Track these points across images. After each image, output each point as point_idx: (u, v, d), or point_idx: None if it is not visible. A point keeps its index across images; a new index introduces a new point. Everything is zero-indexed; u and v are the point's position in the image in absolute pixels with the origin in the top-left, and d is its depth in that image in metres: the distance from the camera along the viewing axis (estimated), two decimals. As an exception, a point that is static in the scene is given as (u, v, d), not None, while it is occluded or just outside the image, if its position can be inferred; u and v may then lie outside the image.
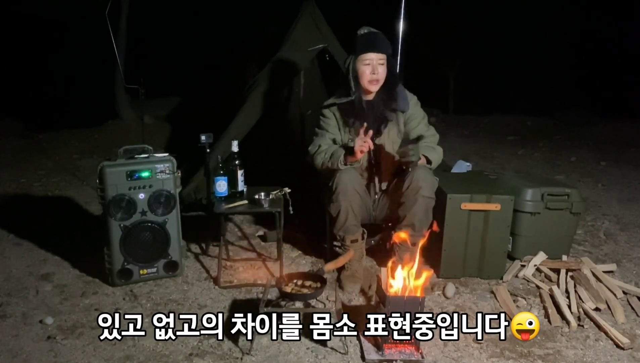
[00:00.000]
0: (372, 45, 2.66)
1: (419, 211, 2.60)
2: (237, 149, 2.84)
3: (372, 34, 2.69)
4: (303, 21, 3.87)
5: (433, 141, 2.81)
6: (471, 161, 4.71)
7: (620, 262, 3.15)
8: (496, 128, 7.86)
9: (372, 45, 2.66)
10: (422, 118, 2.82)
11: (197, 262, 3.07)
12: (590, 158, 6.03)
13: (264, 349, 2.19)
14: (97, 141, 6.34)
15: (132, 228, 2.64)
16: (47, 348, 2.20)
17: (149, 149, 2.74)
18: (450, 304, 2.61)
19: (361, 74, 2.68)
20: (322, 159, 2.68)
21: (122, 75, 5.89)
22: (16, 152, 5.84)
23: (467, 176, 3.77)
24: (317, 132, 2.84)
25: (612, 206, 4.27)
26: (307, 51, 3.81)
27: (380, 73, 2.68)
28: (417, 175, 2.58)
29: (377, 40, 2.68)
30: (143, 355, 2.15)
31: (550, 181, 3.51)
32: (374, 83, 2.69)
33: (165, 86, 7.45)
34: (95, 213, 3.81)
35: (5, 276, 2.87)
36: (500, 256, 2.87)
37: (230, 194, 2.83)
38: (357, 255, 2.75)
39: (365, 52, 2.65)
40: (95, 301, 2.59)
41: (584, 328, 2.39)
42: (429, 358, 2.14)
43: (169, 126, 6.70)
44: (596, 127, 7.60)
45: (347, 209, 2.62)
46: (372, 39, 2.68)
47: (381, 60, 2.67)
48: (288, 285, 2.27)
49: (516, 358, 2.17)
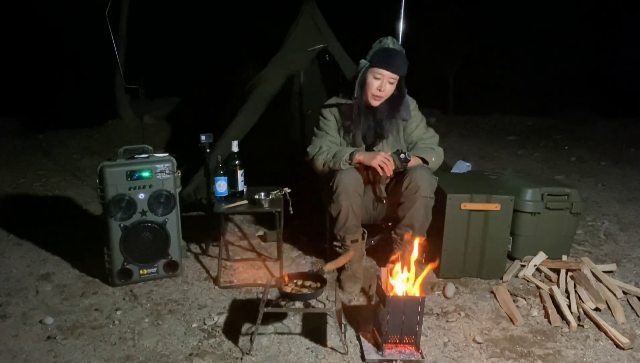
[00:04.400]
0: (389, 63, 2.60)
1: (419, 210, 2.60)
2: (237, 149, 2.84)
3: (394, 51, 2.61)
4: (303, 21, 3.87)
5: (433, 142, 2.81)
6: (471, 161, 4.71)
7: (620, 262, 3.15)
8: (496, 128, 7.87)
9: (389, 63, 2.60)
10: (420, 121, 2.83)
11: (197, 262, 3.07)
12: (590, 158, 6.04)
13: (264, 349, 2.19)
14: (97, 141, 6.35)
15: (132, 228, 2.64)
16: (47, 348, 2.20)
17: (149, 149, 2.74)
18: (450, 304, 2.61)
19: (368, 84, 2.66)
20: (324, 160, 2.67)
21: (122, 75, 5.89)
22: (16, 152, 5.84)
23: (467, 176, 3.77)
24: (316, 133, 2.83)
25: (612, 206, 4.27)
26: (307, 51, 3.81)
27: (386, 91, 2.65)
28: (416, 175, 2.58)
29: (396, 60, 2.61)
30: (143, 355, 2.15)
31: (550, 181, 3.51)
32: (377, 99, 2.68)
33: (165, 86, 7.45)
34: (95, 213, 3.81)
35: (5, 276, 2.87)
36: (500, 256, 2.87)
37: (230, 194, 2.83)
38: (357, 255, 2.75)
39: (379, 67, 2.61)
40: (95, 301, 2.59)
41: (584, 328, 2.39)
42: (429, 358, 2.14)
43: (169, 126, 6.71)
44: (596, 127, 7.61)
45: (347, 210, 2.62)
46: (391, 56, 2.60)
47: (392, 79, 2.63)
48: (288, 285, 2.27)
49: (516, 358, 2.17)
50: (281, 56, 3.83)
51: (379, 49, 2.63)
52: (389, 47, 2.62)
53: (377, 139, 2.76)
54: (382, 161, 2.54)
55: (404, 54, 2.65)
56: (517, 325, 2.42)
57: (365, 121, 2.72)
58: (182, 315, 2.46)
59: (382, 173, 2.55)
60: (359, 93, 2.69)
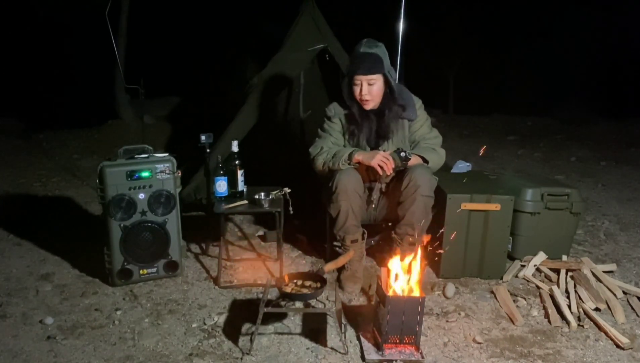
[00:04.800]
0: (360, 67, 2.61)
1: (418, 210, 2.60)
2: (237, 149, 2.84)
3: (364, 55, 2.61)
4: (303, 21, 3.86)
5: (436, 143, 2.82)
6: (471, 161, 4.71)
7: (620, 262, 3.15)
8: (496, 128, 7.86)
9: (360, 67, 2.61)
10: (424, 121, 2.83)
11: (197, 262, 3.07)
12: (590, 158, 6.03)
13: (264, 349, 2.19)
14: (97, 141, 6.35)
15: (132, 228, 2.64)
16: (47, 348, 2.20)
17: (149, 149, 2.74)
18: (450, 304, 2.61)
19: (353, 92, 2.69)
20: (324, 160, 2.69)
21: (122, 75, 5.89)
22: (16, 152, 5.84)
23: (467, 176, 3.76)
24: (320, 135, 2.85)
25: (612, 206, 4.27)
26: (307, 51, 3.80)
27: (372, 92, 2.66)
28: (415, 174, 2.58)
29: (365, 62, 2.61)
30: (143, 355, 2.15)
31: (550, 181, 3.51)
32: (366, 103, 2.70)
33: (165, 86, 7.45)
34: (95, 213, 3.81)
35: (5, 276, 2.87)
36: (500, 256, 2.87)
37: (230, 194, 2.83)
38: (357, 255, 2.75)
39: (353, 75, 2.64)
40: (95, 301, 2.59)
41: (584, 328, 2.39)
42: (429, 358, 2.14)
43: (169, 126, 6.70)
44: (596, 127, 7.61)
45: (347, 210, 2.63)
46: (361, 60, 2.61)
47: (371, 80, 2.63)
48: (288, 285, 2.27)
49: (516, 358, 2.17)
50: (281, 56, 3.82)
51: (351, 56, 2.69)
52: (359, 51, 2.63)
53: (380, 140, 2.76)
54: (382, 161, 2.54)
55: (375, 53, 2.62)
56: (517, 325, 2.42)
57: (368, 124, 2.74)
58: (182, 315, 2.46)
59: (382, 173, 2.55)
60: (350, 102, 2.73)
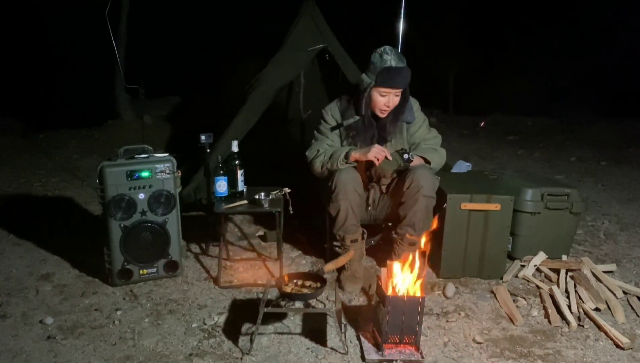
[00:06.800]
0: (394, 81, 2.58)
1: (420, 210, 2.61)
2: (237, 149, 2.84)
3: (397, 69, 2.57)
4: (303, 21, 3.87)
5: (435, 143, 2.83)
6: (471, 161, 4.71)
7: (620, 262, 3.15)
8: (496, 128, 7.86)
9: (394, 81, 2.58)
10: (422, 122, 2.84)
11: (197, 262, 3.07)
12: (590, 158, 6.03)
13: (264, 349, 2.19)
14: (97, 141, 6.35)
15: (132, 228, 2.64)
16: (47, 348, 2.20)
17: (149, 149, 2.74)
18: (450, 304, 2.61)
19: (375, 101, 2.67)
20: (322, 161, 2.69)
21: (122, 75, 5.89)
22: (16, 152, 5.83)
23: (467, 176, 3.76)
24: (316, 137, 2.84)
25: (612, 206, 4.27)
26: (307, 51, 3.81)
27: (394, 103, 2.67)
28: (418, 175, 2.59)
29: (399, 77, 2.58)
30: (143, 355, 2.15)
31: (550, 181, 3.51)
32: (384, 112, 2.70)
33: (165, 86, 7.45)
34: (95, 213, 3.81)
35: (5, 276, 2.87)
36: (500, 256, 2.87)
37: (230, 194, 2.83)
38: (357, 255, 2.75)
39: (384, 87, 2.60)
40: (95, 301, 2.59)
41: (584, 328, 2.39)
42: (429, 358, 2.14)
43: (169, 126, 6.71)
44: (596, 127, 7.60)
45: (346, 209, 2.63)
46: (395, 74, 2.57)
47: (398, 92, 2.64)
48: (288, 285, 2.27)
49: (516, 358, 2.17)
50: (281, 56, 3.82)
51: (382, 69, 2.56)
52: (392, 65, 2.56)
53: (379, 143, 2.76)
54: (377, 153, 2.55)
55: (407, 68, 2.61)
56: (517, 325, 2.42)
57: (370, 130, 2.74)
58: (182, 315, 2.46)
59: (378, 164, 2.56)
60: (365, 110, 2.70)
